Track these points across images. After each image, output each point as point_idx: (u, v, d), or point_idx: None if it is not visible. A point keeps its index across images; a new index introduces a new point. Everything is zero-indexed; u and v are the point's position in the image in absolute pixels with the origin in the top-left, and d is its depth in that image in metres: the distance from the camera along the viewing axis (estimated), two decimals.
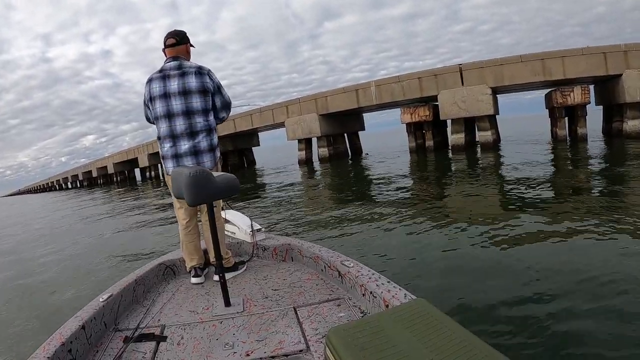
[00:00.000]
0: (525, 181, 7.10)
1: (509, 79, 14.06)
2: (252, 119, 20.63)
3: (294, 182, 12.53)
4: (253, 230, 2.63)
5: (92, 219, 10.99)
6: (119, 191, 22.19)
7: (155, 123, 2.34)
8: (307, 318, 1.70)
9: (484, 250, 3.66)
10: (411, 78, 15.20)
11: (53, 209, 17.86)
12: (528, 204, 5.32)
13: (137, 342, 1.62)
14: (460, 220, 4.87)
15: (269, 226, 5.69)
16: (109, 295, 1.88)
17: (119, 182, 35.23)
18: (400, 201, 6.87)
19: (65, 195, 29.83)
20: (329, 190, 9.77)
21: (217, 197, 1.86)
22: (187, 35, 2.38)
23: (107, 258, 5.50)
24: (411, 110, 15.62)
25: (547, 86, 15.81)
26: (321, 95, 17.63)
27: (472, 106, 14.21)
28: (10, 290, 4.73)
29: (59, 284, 4.64)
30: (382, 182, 9.53)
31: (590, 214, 4.40)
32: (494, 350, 0.87)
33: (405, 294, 1.50)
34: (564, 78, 13.69)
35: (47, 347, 1.41)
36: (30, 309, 3.87)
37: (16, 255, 7.17)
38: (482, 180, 8.15)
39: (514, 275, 2.97)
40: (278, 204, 8.15)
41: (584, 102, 14.02)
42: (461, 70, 14.39)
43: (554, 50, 13.85)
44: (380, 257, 3.70)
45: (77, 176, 46.05)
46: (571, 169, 8.43)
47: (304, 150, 19.08)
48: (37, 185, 69.42)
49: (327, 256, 2.11)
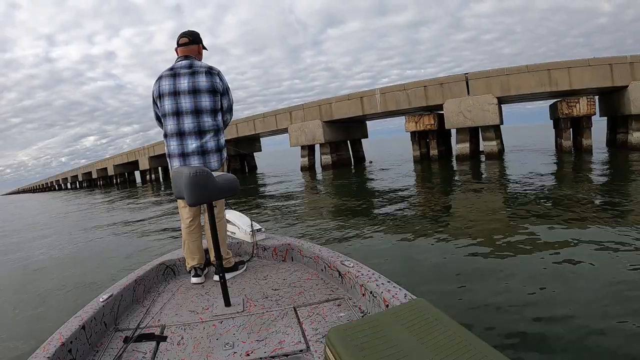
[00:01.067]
0: (532, 193, 7.05)
1: (515, 88, 14.02)
2: (255, 124, 20.57)
3: (295, 189, 12.46)
4: (253, 230, 2.63)
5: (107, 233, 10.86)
6: (121, 194, 22.03)
7: (162, 121, 2.32)
8: (307, 318, 1.71)
9: (485, 256, 3.71)
10: (417, 86, 15.15)
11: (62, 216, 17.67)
12: (534, 215, 5.26)
13: (137, 342, 1.62)
14: (465, 228, 4.92)
15: (272, 230, 5.61)
16: (109, 295, 1.87)
17: (119, 184, 35.09)
18: (405, 209, 6.79)
19: (66, 198, 29.60)
20: (332, 197, 9.67)
21: (217, 197, 1.85)
22: (200, 37, 2.39)
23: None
24: (416, 119, 15.54)
25: (552, 97, 15.78)
26: (325, 101, 17.56)
27: (477, 116, 14.15)
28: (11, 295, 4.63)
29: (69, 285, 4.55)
30: (386, 190, 9.44)
31: (594, 226, 4.43)
32: (494, 350, 0.87)
33: (405, 294, 1.50)
34: (569, 89, 13.66)
35: (47, 347, 1.41)
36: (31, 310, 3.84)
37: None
38: (488, 190, 8.08)
39: (514, 280, 3.01)
40: (280, 210, 8.07)
41: (590, 113, 13.97)
42: (467, 80, 14.34)
43: (560, 61, 13.82)
44: (384, 260, 3.76)
45: (77, 177, 45.86)
46: (577, 181, 8.32)
47: (306, 157, 18.96)
48: (36, 185, 69.19)
49: (327, 256, 2.11)
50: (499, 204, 6.56)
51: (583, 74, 13.47)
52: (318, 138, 17.77)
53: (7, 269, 6.17)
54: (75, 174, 46.79)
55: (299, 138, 18.44)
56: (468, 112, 14.19)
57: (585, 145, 14.25)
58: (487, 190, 8.00)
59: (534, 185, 7.86)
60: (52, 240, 8.26)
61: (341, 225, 5.75)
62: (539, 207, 5.71)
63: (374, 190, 10.15)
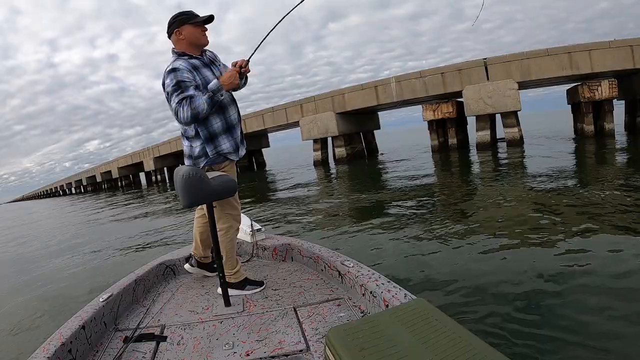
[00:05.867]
0: (567, 184, 6.29)
1: (536, 73, 13.64)
2: (264, 118, 20.12)
3: (312, 186, 11.70)
4: (253, 230, 2.62)
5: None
6: (127, 196, 21.66)
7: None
8: (307, 318, 1.71)
9: (497, 253, 3.46)
10: (434, 73, 14.73)
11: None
12: (568, 209, 4.70)
13: (137, 342, 1.62)
14: (487, 227, 4.44)
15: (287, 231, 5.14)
16: (109, 295, 1.87)
17: (124, 186, 34.72)
18: (433, 205, 6.23)
19: (74, 204, 29.29)
20: (356, 196, 8.75)
21: (211, 198, 1.83)
22: (173, 21, 2.02)
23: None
24: (434, 107, 15.14)
25: (572, 81, 15.40)
26: (338, 92, 17.12)
27: (498, 102, 13.75)
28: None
29: None
30: (411, 185, 8.64)
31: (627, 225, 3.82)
32: (494, 350, 0.88)
33: (405, 294, 1.49)
34: (591, 72, 13.30)
35: (47, 347, 1.41)
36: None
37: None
38: (519, 180, 7.46)
39: (524, 279, 2.85)
40: (302, 210, 7.62)
41: (612, 96, 13.64)
42: (486, 65, 13.94)
43: (580, 44, 13.47)
44: (395, 261, 3.57)
45: (81, 181, 45.50)
46: (610, 168, 7.73)
47: (319, 151, 18.53)
48: (41, 191, 68.94)
49: (327, 256, 2.11)
50: (533, 199, 5.71)
51: (605, 56, 13.15)
52: (331, 130, 17.34)
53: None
54: (79, 178, 46.46)
55: (311, 131, 18.00)
56: (488, 98, 13.79)
57: (607, 129, 13.90)
58: (519, 182, 7.28)
59: (571, 176, 7.17)
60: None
61: (365, 227, 5.13)
62: (573, 203, 5.03)
63: (398, 184, 9.48)
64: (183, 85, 1.85)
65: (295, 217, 6.65)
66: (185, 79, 1.86)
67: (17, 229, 14.37)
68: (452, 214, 5.40)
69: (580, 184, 6.26)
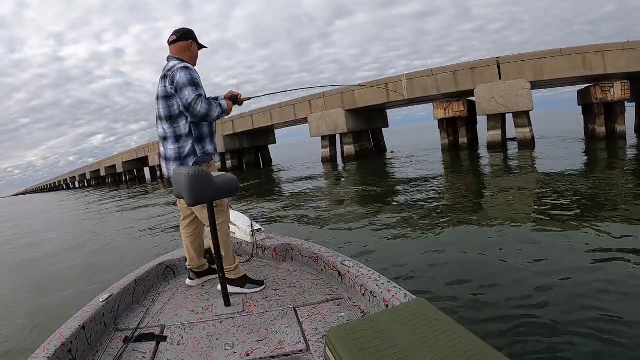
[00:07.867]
0: (580, 187, 6.15)
1: (549, 73, 13.56)
2: (272, 114, 20.07)
3: (320, 183, 11.61)
4: (253, 230, 2.63)
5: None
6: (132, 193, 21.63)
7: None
8: (307, 318, 1.71)
9: (502, 255, 3.44)
10: (445, 71, 14.66)
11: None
12: (576, 212, 4.67)
13: (137, 342, 1.62)
14: (497, 224, 4.45)
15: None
16: (109, 295, 1.87)
17: (128, 181, 34.72)
18: (444, 205, 6.19)
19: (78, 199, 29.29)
20: (364, 193, 8.72)
21: (216, 197, 1.85)
22: (193, 34, 2.28)
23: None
24: (445, 106, 15.07)
25: (585, 81, 15.32)
26: (348, 89, 17.08)
27: (510, 101, 13.67)
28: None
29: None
30: (423, 184, 8.50)
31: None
32: (494, 350, 0.88)
33: (405, 294, 1.49)
34: (603, 73, 13.22)
35: (47, 347, 1.41)
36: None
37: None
38: (531, 182, 7.34)
39: (524, 278, 2.84)
40: (312, 211, 7.55)
41: (624, 98, 13.56)
42: (499, 64, 13.87)
43: (594, 45, 13.39)
44: (402, 265, 3.48)
45: (85, 175, 45.53)
46: (625, 171, 7.55)
47: (328, 148, 18.48)
48: (44, 185, 69.01)
49: (327, 256, 2.11)
50: (543, 201, 5.63)
51: (618, 58, 13.04)
52: (340, 127, 17.28)
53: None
54: (83, 172, 46.48)
55: (320, 128, 17.94)
56: (500, 97, 13.72)
57: (619, 132, 13.81)
58: (534, 182, 7.19)
59: (584, 179, 7.00)
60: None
61: (376, 231, 5.01)
62: (585, 205, 5.02)
63: (410, 184, 9.28)
64: (197, 84, 2.04)
65: (304, 216, 6.67)
66: (199, 80, 2.07)
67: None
68: (459, 213, 5.41)
69: (595, 187, 6.09)
